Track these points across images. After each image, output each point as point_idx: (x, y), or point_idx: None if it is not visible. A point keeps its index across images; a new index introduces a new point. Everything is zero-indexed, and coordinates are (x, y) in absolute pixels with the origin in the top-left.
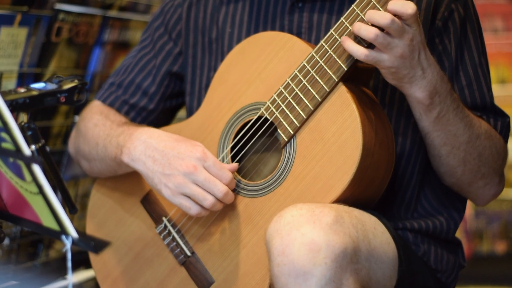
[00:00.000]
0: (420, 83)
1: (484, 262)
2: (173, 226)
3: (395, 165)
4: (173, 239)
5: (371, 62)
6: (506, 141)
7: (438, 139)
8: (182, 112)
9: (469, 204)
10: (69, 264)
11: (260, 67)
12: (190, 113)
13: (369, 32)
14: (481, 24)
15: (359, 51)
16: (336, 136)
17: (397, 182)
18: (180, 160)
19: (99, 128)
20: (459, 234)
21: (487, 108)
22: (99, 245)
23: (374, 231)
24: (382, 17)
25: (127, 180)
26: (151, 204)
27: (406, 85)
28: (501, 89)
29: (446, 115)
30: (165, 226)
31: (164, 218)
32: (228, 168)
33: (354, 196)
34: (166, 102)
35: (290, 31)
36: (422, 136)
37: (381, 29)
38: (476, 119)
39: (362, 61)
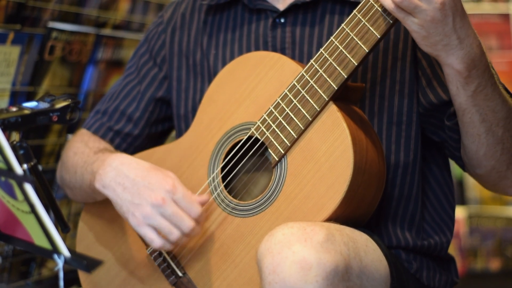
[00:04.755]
0: (457, 54)
1: (478, 280)
2: None
3: (393, 177)
4: (164, 259)
5: (400, 18)
6: None
7: (477, 115)
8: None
9: (463, 222)
10: (61, 283)
11: (250, 87)
12: (179, 136)
13: None
14: None
15: (388, 2)
16: (327, 155)
17: (398, 194)
18: (149, 191)
19: (78, 157)
20: (453, 251)
21: None
22: (92, 264)
23: (365, 249)
24: None
25: None
26: None
27: (442, 53)
28: None
29: (484, 90)
30: None
31: None
32: (198, 201)
33: (345, 214)
34: (151, 128)
35: (274, 47)
36: (458, 116)
37: None
38: (508, 95)
39: (351, 82)
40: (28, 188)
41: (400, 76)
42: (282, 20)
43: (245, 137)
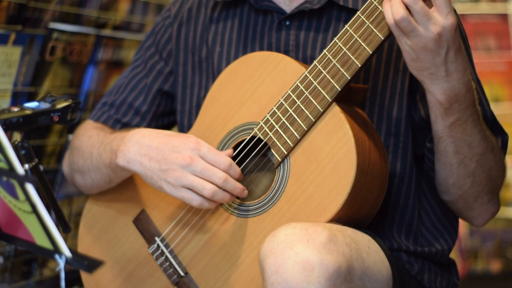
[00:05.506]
0: (441, 85)
1: (479, 281)
2: (166, 246)
3: (390, 185)
4: (166, 259)
5: (395, 35)
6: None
7: (451, 146)
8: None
9: (463, 223)
10: (63, 283)
11: (253, 87)
12: (181, 132)
13: (396, 13)
14: (474, 43)
15: (389, 17)
16: (330, 156)
17: (394, 203)
18: (175, 154)
19: (93, 139)
20: (453, 253)
21: (488, 123)
22: (93, 265)
23: (367, 250)
24: None
25: (120, 200)
26: (143, 224)
27: (427, 80)
28: (495, 108)
29: (463, 124)
30: (158, 246)
31: (156, 238)
32: (224, 154)
33: (348, 216)
34: (158, 121)
35: (278, 49)
36: (434, 142)
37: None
38: (490, 132)
39: (354, 83)
40: (30, 188)
41: (400, 88)
42: (288, 23)
43: (248, 137)
